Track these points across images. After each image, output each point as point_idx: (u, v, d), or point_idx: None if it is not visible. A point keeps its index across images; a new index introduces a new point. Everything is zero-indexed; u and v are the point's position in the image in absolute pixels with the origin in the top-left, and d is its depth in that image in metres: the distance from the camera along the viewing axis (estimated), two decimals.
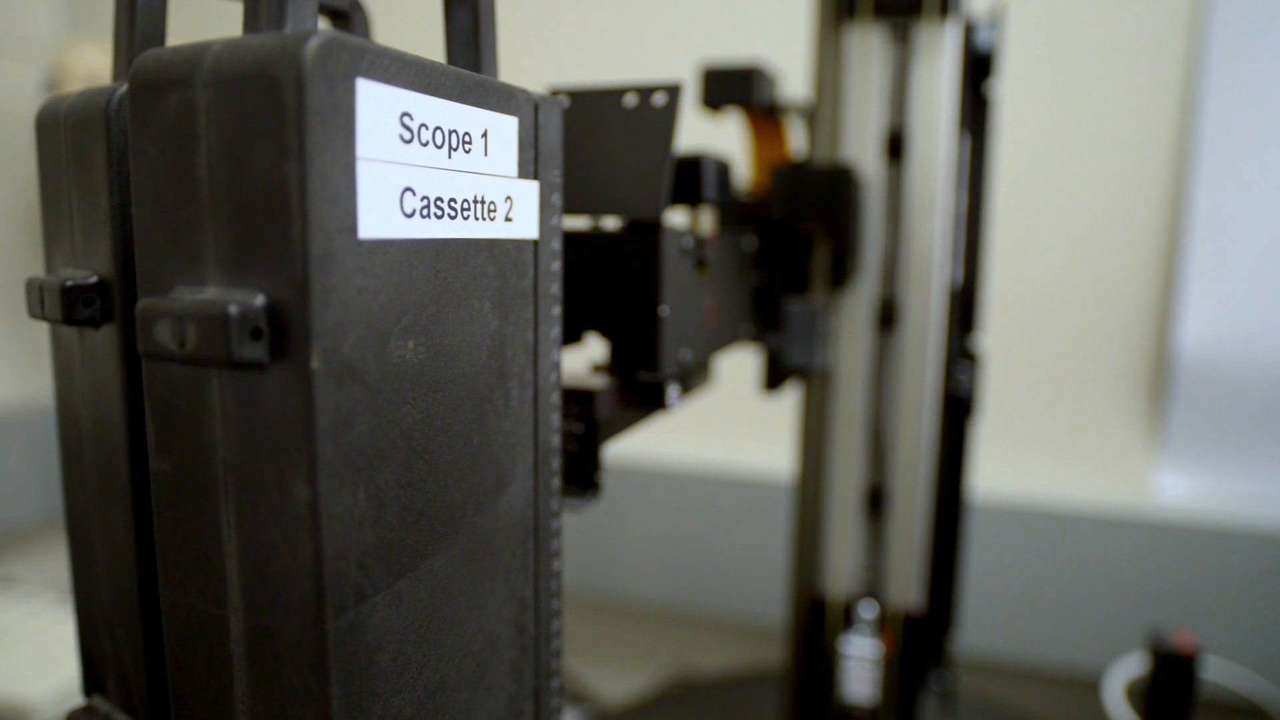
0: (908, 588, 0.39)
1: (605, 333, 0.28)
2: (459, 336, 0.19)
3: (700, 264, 0.30)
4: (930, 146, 0.37)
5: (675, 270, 0.27)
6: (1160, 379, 0.60)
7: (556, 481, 0.23)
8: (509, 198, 0.20)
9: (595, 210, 0.27)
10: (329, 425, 0.16)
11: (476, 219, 0.19)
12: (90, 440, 0.22)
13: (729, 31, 0.67)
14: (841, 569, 0.40)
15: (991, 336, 0.61)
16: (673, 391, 0.30)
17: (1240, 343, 0.58)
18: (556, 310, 0.23)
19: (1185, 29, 0.57)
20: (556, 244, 0.23)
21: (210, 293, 0.16)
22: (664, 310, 0.27)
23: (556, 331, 0.23)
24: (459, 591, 0.20)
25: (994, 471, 0.63)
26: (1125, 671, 0.43)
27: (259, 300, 0.15)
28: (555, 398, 0.23)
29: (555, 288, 0.23)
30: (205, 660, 0.17)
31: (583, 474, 0.27)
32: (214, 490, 0.16)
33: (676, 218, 0.30)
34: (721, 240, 0.32)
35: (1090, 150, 0.60)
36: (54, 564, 0.67)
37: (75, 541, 0.23)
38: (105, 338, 0.21)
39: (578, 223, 0.28)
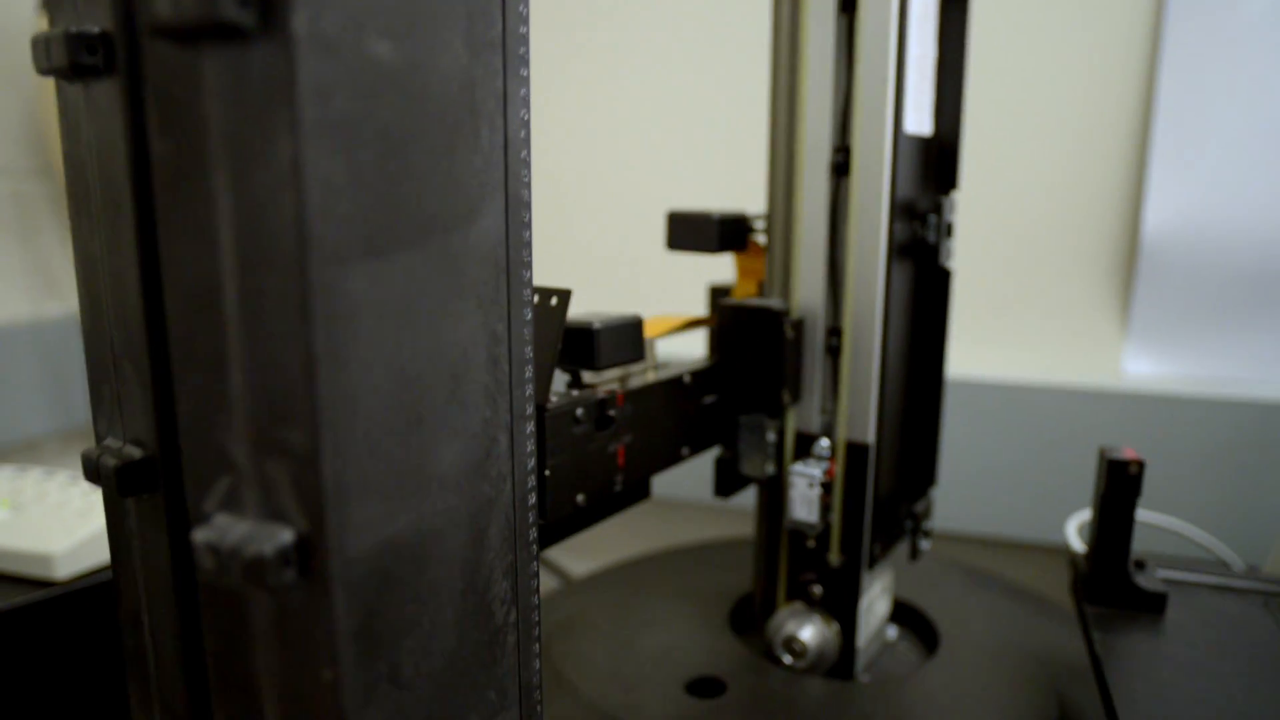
0: (859, 424, 0.41)
1: None
2: (431, 59, 0.21)
3: (604, 421, 0.35)
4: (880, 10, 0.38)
5: (563, 438, 0.32)
6: (1131, 266, 0.62)
7: (528, 234, 0.25)
8: None
9: None
10: (310, 89, 0.18)
11: None
12: (97, 189, 0.24)
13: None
14: (802, 406, 0.43)
15: (968, 224, 0.63)
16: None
17: (1201, 231, 0.60)
18: (525, 72, 0.25)
19: None
20: (524, 9, 0.24)
21: None
22: (546, 472, 0.31)
23: (525, 93, 0.25)
24: (433, 296, 0.22)
25: (969, 355, 0.65)
26: (1082, 517, 0.46)
27: None
28: (525, 154, 0.25)
29: (524, 50, 0.24)
30: (205, 328, 0.19)
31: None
32: (209, 161, 0.18)
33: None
34: (647, 388, 0.37)
35: (1062, 41, 0.61)
36: (69, 466, 0.70)
37: (86, 292, 0.25)
38: (109, 90, 0.22)
39: None
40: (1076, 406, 0.60)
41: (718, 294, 0.47)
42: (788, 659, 0.43)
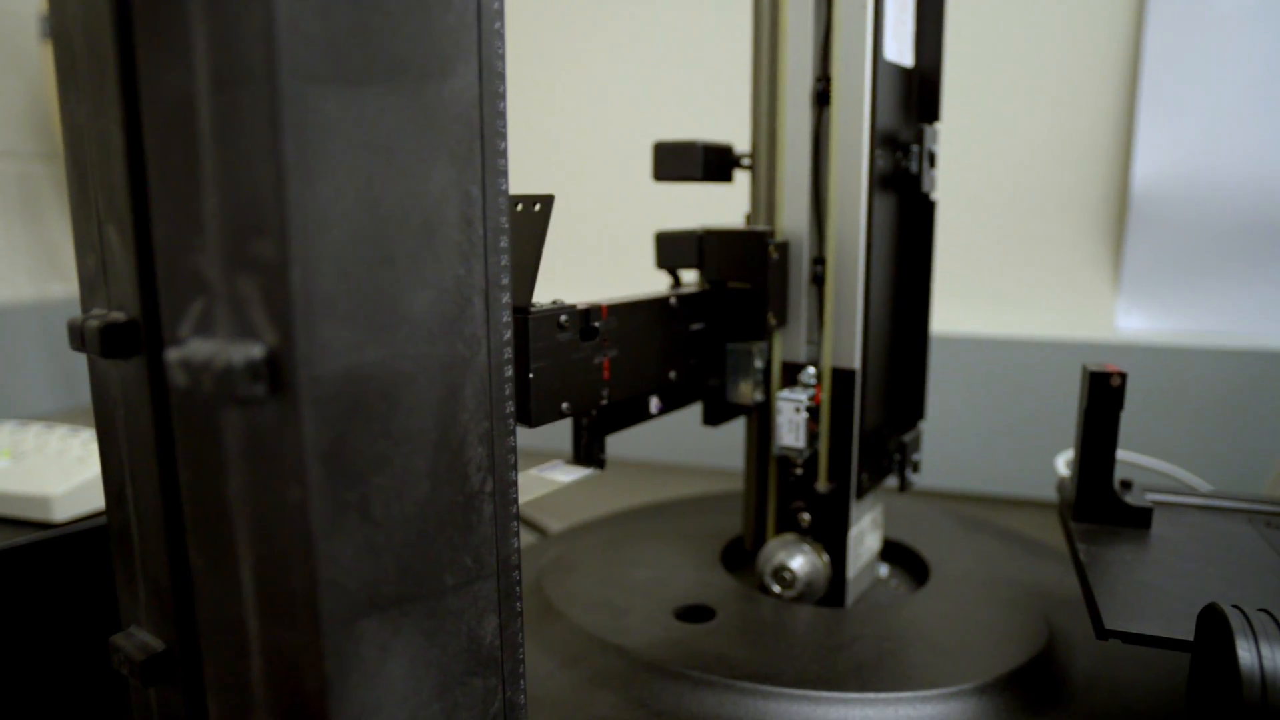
0: (844, 350, 0.42)
1: None
2: None
3: (588, 333, 0.35)
4: None
5: (546, 342, 0.33)
6: (1121, 222, 0.62)
7: (503, 105, 0.26)
8: None
9: None
10: None
11: None
12: (83, 57, 0.24)
13: None
14: (789, 336, 0.43)
15: (960, 184, 0.63)
16: (653, 403, 0.41)
17: (1189, 186, 0.60)
18: None
19: None
20: None
21: None
22: (530, 374, 0.32)
23: None
24: (405, 139, 0.22)
25: (963, 312, 0.66)
26: (1072, 453, 0.46)
27: None
28: (499, 26, 0.26)
29: None
30: (181, 149, 0.20)
31: (589, 456, 0.39)
32: None
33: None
34: (632, 303, 0.38)
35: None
36: None
37: (73, 164, 0.26)
38: None
39: None
40: (1070, 361, 0.61)
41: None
42: (777, 588, 0.43)
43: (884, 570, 0.48)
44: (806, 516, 0.43)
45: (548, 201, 0.33)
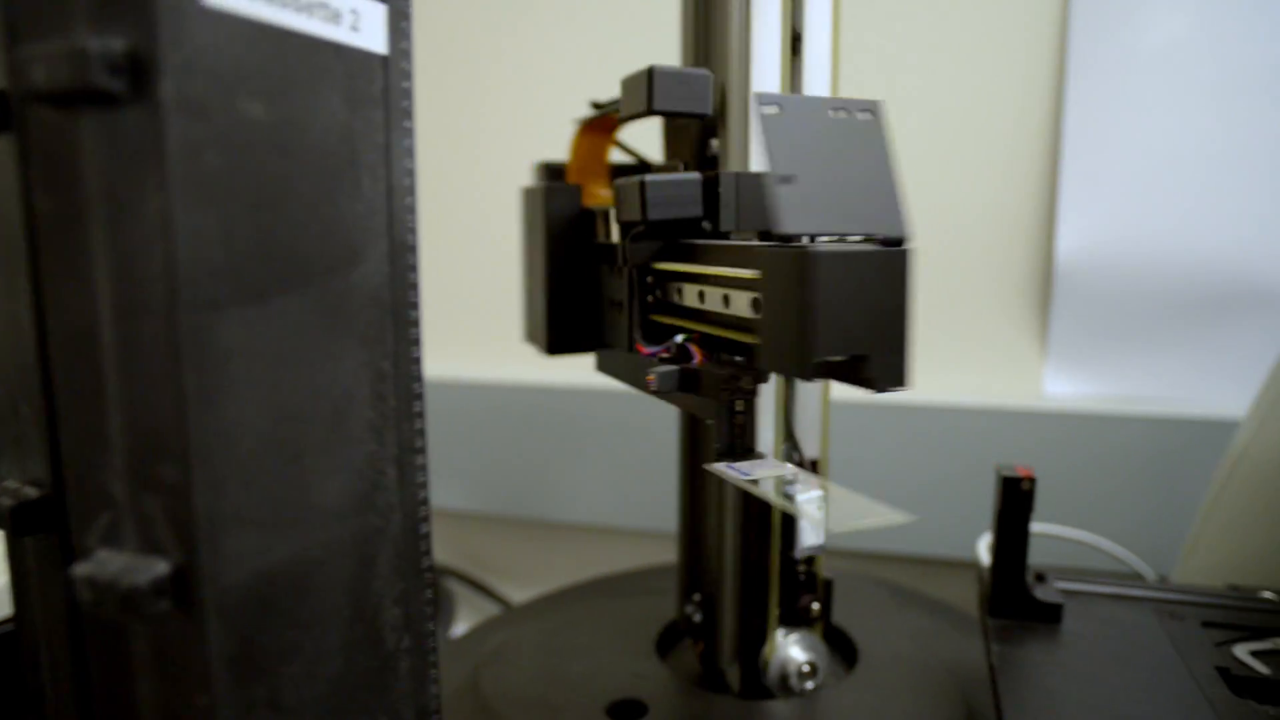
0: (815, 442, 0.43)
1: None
2: (307, 115, 0.22)
3: None
4: (821, 44, 0.41)
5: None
6: (1047, 290, 0.64)
7: (414, 276, 0.27)
8: (354, 11, 0.24)
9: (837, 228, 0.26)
10: (179, 149, 0.19)
11: (320, 20, 0.23)
12: None
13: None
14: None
15: None
16: None
17: (1113, 255, 0.62)
18: (409, 124, 0.26)
19: None
20: (407, 65, 0.26)
21: (76, 36, 0.19)
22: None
23: (409, 144, 0.26)
24: (312, 336, 0.23)
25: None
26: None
27: (119, 43, 0.18)
28: (410, 201, 0.26)
29: (407, 104, 0.26)
30: (85, 372, 0.20)
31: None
32: (86, 217, 0.20)
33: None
34: None
35: (969, 70, 0.64)
36: None
37: None
38: (3, 145, 0.24)
39: None
40: (1000, 427, 0.63)
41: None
42: (810, 685, 0.43)
43: None
44: (817, 606, 0.44)
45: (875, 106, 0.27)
